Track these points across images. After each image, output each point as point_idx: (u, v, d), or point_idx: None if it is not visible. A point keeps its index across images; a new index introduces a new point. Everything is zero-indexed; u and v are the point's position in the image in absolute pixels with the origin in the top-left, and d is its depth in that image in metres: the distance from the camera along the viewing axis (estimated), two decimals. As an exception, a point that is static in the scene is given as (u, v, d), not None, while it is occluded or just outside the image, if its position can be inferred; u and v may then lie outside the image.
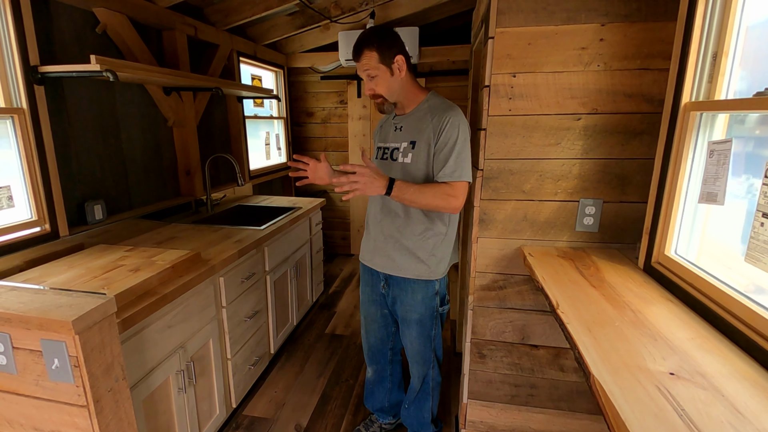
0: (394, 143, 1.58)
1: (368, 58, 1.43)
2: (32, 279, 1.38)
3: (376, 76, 1.46)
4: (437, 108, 1.49)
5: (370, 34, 1.44)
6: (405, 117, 1.57)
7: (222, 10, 2.77)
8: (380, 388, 1.95)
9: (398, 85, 1.49)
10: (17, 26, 1.59)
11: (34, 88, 1.67)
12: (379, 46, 1.42)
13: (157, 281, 1.48)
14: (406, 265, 1.60)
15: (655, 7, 1.33)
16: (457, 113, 1.46)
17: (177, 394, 1.59)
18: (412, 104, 1.55)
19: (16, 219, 1.69)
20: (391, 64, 1.45)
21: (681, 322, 0.99)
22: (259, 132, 3.82)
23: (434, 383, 1.78)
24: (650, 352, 0.87)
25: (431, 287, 1.62)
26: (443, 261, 1.62)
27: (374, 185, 1.35)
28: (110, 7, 1.97)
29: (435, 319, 1.67)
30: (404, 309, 1.67)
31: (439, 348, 1.75)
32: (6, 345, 1.12)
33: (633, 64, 1.40)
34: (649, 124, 1.43)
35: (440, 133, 1.44)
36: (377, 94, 1.50)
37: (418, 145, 1.50)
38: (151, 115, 2.42)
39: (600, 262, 1.42)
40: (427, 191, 1.42)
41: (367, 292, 1.80)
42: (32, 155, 1.69)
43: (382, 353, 1.88)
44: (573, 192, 1.56)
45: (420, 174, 1.51)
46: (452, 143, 1.43)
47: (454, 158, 1.43)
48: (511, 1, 1.43)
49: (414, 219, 1.56)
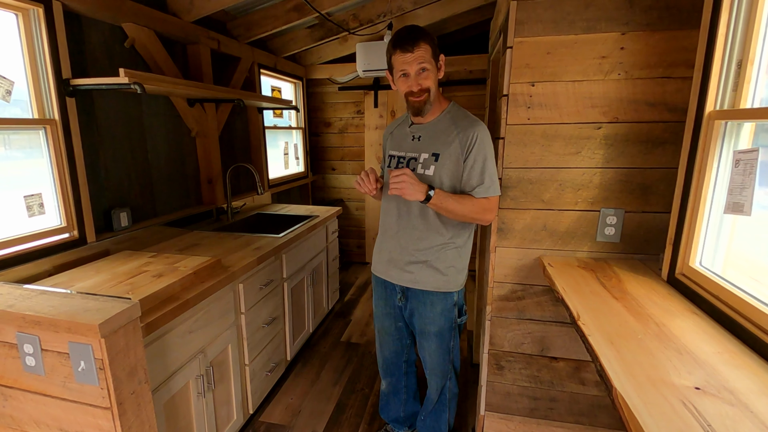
0: (412, 153, 1.54)
1: (424, 51, 1.38)
2: (61, 283, 1.42)
3: (428, 69, 1.41)
4: (462, 121, 1.47)
5: (420, 28, 1.41)
6: (424, 126, 1.53)
7: (244, 24, 2.84)
8: (395, 400, 1.93)
9: (436, 86, 1.47)
10: (51, 41, 1.67)
11: (66, 100, 1.74)
12: (432, 41, 1.41)
13: (179, 287, 1.52)
14: (425, 278, 1.57)
15: (677, 15, 1.32)
16: (483, 128, 1.46)
17: (196, 398, 1.61)
18: (434, 113, 1.52)
19: (47, 225, 1.75)
20: (437, 61, 1.44)
21: (707, 336, 0.97)
22: (278, 142, 3.89)
23: (451, 394, 1.76)
24: (675, 366, 0.84)
25: (450, 299, 1.60)
26: (462, 272, 1.61)
27: (414, 189, 1.36)
28: (138, 23, 2.05)
29: (453, 330, 1.65)
30: (423, 322, 1.64)
31: (456, 359, 1.72)
32: (35, 347, 1.16)
33: (655, 73, 1.38)
34: (672, 133, 1.41)
35: (470, 148, 1.43)
36: (425, 89, 1.42)
37: (443, 159, 1.46)
38: (176, 125, 2.49)
39: (622, 273, 1.39)
40: (467, 203, 1.43)
41: (381, 306, 1.78)
42: (63, 164, 1.76)
43: (397, 366, 1.87)
44: (594, 201, 1.54)
45: (444, 187, 1.47)
46: (483, 159, 1.44)
47: (489, 174, 1.45)
48: (531, 12, 1.44)
49: (433, 231, 1.54)
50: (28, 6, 1.60)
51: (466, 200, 1.44)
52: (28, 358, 1.17)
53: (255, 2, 2.71)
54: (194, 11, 2.31)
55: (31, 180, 1.73)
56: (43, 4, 1.62)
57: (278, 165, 3.86)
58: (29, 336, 1.15)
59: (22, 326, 1.15)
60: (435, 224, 1.54)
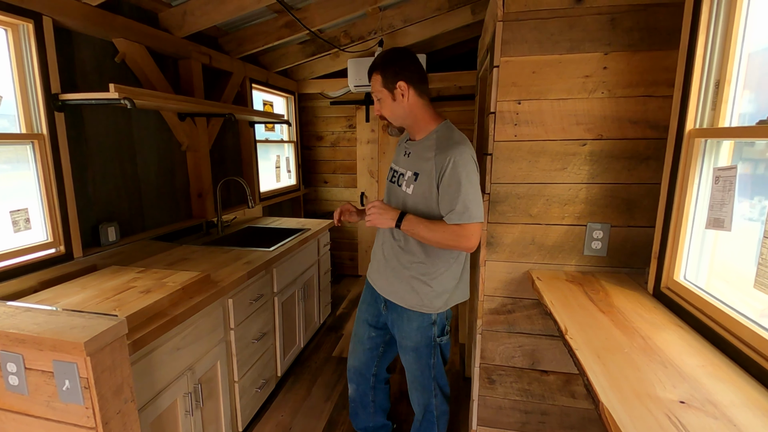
0: (402, 169, 1.56)
1: (374, 81, 1.48)
2: (46, 300, 1.40)
3: (380, 99, 1.49)
4: (443, 142, 1.43)
5: (379, 57, 1.47)
6: (414, 144, 1.54)
7: (236, 40, 2.87)
8: (363, 411, 1.93)
9: (402, 111, 1.47)
10: (40, 56, 1.67)
11: (55, 115, 1.74)
12: (383, 70, 1.44)
13: (167, 303, 1.50)
14: (401, 293, 1.56)
15: (657, 36, 1.37)
16: (461, 151, 1.37)
17: (184, 416, 1.58)
18: (423, 132, 1.51)
19: (32, 241, 1.73)
20: (393, 89, 1.44)
21: (691, 349, 0.98)
22: (270, 155, 3.89)
23: (439, 412, 1.70)
24: (660, 380, 0.86)
25: (427, 318, 1.55)
26: (441, 296, 1.53)
27: (384, 218, 1.43)
28: (129, 38, 2.06)
29: (432, 348, 1.59)
30: (400, 335, 1.63)
31: (441, 377, 1.66)
32: (19, 366, 1.14)
33: (637, 92, 1.42)
34: (654, 149, 1.44)
35: (443, 172, 1.37)
36: (382, 116, 1.53)
37: (420, 179, 1.45)
38: (166, 139, 2.49)
39: (609, 287, 1.41)
40: (438, 230, 1.38)
41: (363, 310, 1.78)
42: (50, 179, 1.74)
43: (365, 377, 1.84)
44: (580, 216, 1.57)
45: (419, 208, 1.46)
46: (456, 184, 1.35)
47: (462, 199, 1.35)
48: (516, 32, 1.48)
49: (412, 249, 1.52)
50: (17, 21, 1.61)
51: (438, 226, 1.38)
52: (11, 377, 1.15)
53: (247, 18, 2.74)
54: (186, 27, 2.33)
55: (18, 193, 1.71)
56: (33, 20, 1.63)
57: (270, 178, 3.86)
58: (12, 354, 1.13)
59: (5, 344, 1.13)
60: (414, 245, 1.52)
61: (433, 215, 1.44)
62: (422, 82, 1.46)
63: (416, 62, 1.46)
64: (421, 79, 1.46)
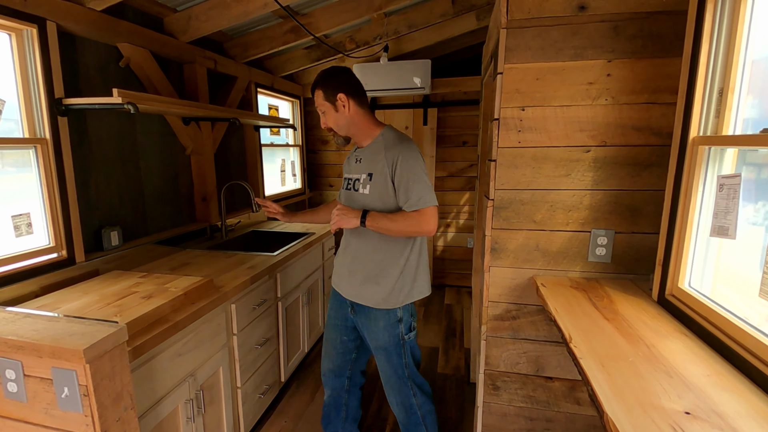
0: (356, 174, 1.67)
1: (316, 96, 1.60)
2: (47, 305, 1.40)
3: (324, 111, 1.60)
4: (390, 142, 1.57)
5: (319, 75, 1.60)
6: (363, 150, 1.66)
7: (241, 45, 2.89)
8: (336, 415, 1.94)
9: (345, 121, 1.60)
10: (44, 61, 1.68)
11: (58, 120, 1.74)
12: (323, 85, 1.57)
13: (169, 308, 1.50)
14: (367, 293, 1.64)
15: (660, 43, 1.36)
16: (407, 147, 1.54)
17: (186, 423, 1.57)
18: (368, 138, 1.64)
19: (34, 245, 1.74)
20: (334, 101, 1.56)
21: (696, 358, 0.97)
22: (275, 158, 3.90)
23: (423, 411, 1.75)
24: (665, 390, 0.84)
25: (393, 315, 1.63)
26: (403, 289, 1.62)
27: (348, 218, 1.52)
28: (134, 42, 2.07)
29: (401, 347, 1.67)
30: (369, 336, 1.70)
31: (416, 376, 1.74)
32: (18, 373, 1.13)
33: (640, 99, 1.41)
34: (658, 156, 1.44)
35: (395, 167, 1.51)
36: (328, 128, 1.64)
37: (375, 178, 1.57)
38: (170, 143, 2.50)
39: (613, 294, 1.40)
40: (399, 219, 1.50)
41: (332, 316, 1.83)
42: (53, 183, 1.75)
43: (339, 380, 1.88)
44: (584, 222, 1.56)
45: (378, 204, 1.57)
46: (408, 175, 1.50)
47: (415, 188, 1.49)
48: (519, 39, 1.47)
49: (374, 249, 1.62)
50: (21, 26, 1.62)
51: (399, 216, 1.50)
52: (9, 384, 1.15)
53: (252, 24, 2.75)
54: (190, 32, 2.34)
55: (20, 198, 1.72)
56: (37, 25, 1.64)
57: (275, 182, 3.87)
58: (11, 361, 1.13)
59: (4, 351, 1.13)
60: (374, 242, 1.61)
61: (391, 209, 1.56)
62: (361, 95, 1.61)
63: (353, 77, 1.61)
64: (359, 91, 1.60)
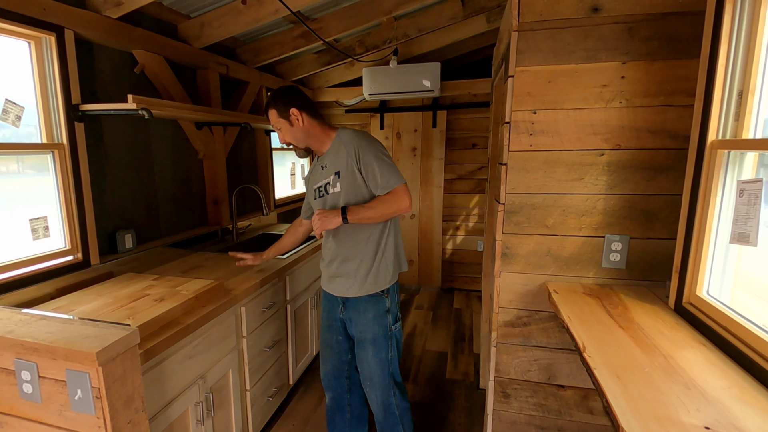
0: (325, 179, 1.71)
1: (271, 116, 1.67)
2: (62, 307, 1.42)
3: (280, 129, 1.67)
4: (348, 138, 1.64)
5: (270, 96, 1.67)
6: (325, 155, 1.72)
7: (252, 50, 2.91)
8: (340, 417, 1.95)
9: (302, 133, 1.66)
10: (62, 68, 1.72)
11: (75, 125, 1.78)
12: (275, 104, 1.64)
13: (180, 311, 1.51)
14: (353, 285, 1.69)
15: (676, 45, 1.33)
16: (363, 136, 1.64)
17: (195, 425, 1.58)
18: (326, 144, 1.70)
19: (51, 248, 1.77)
20: (288, 117, 1.63)
21: (716, 369, 0.94)
22: (286, 162, 3.93)
23: (401, 410, 1.78)
24: (683, 402, 0.82)
25: (382, 304, 1.69)
26: (386, 271, 1.70)
27: (330, 218, 1.57)
28: (148, 49, 2.10)
29: (389, 339, 1.72)
30: (358, 329, 1.73)
31: (396, 373, 1.78)
32: (33, 374, 1.15)
33: (656, 101, 1.39)
34: (675, 160, 1.40)
35: (358, 158, 1.59)
36: (287, 142, 1.70)
37: (342, 174, 1.64)
38: (183, 148, 2.52)
39: (628, 301, 1.37)
40: (376, 205, 1.58)
41: (325, 317, 1.87)
42: (69, 188, 1.78)
43: (339, 381, 1.90)
44: (598, 227, 1.53)
45: (351, 198, 1.64)
46: (373, 161, 1.57)
47: (381, 172, 1.57)
48: (531, 42, 1.46)
49: (353, 240, 1.69)
50: (40, 35, 1.65)
51: (375, 202, 1.59)
52: (25, 385, 1.16)
53: (263, 29, 2.78)
54: (203, 38, 2.37)
55: (38, 200, 1.75)
56: (55, 33, 1.67)
57: (285, 185, 3.89)
58: (27, 363, 1.14)
59: (20, 353, 1.14)
60: (351, 236, 1.68)
61: (366, 199, 1.64)
62: (311, 107, 1.68)
63: (301, 93, 1.69)
64: (309, 104, 1.68)
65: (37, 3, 1.58)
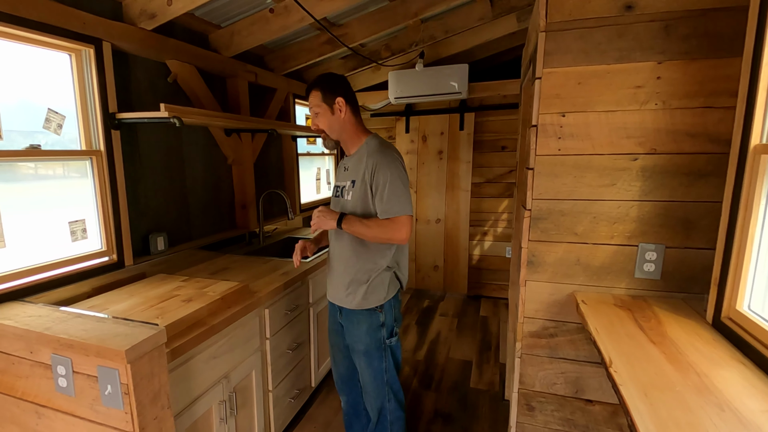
0: (343, 182, 1.72)
1: (313, 97, 1.62)
2: (96, 306, 1.49)
3: (318, 113, 1.62)
4: (373, 150, 1.61)
5: (318, 77, 1.63)
6: (350, 158, 1.71)
7: (280, 57, 2.97)
8: (357, 422, 1.94)
9: (339, 125, 1.63)
10: (100, 78, 1.80)
11: (111, 133, 1.86)
12: (323, 87, 1.60)
13: (206, 312, 1.55)
14: (347, 295, 1.68)
15: (717, 42, 1.26)
16: (387, 154, 1.58)
17: (219, 424, 1.61)
18: (355, 145, 1.68)
19: (88, 249, 1.85)
20: (332, 104, 1.59)
21: (754, 390, 0.87)
22: (312, 167, 3.97)
23: (393, 417, 1.77)
24: (715, 425, 0.76)
25: (375, 319, 1.66)
26: (379, 290, 1.66)
27: (326, 220, 1.59)
28: (181, 59, 2.18)
29: (383, 351, 1.70)
30: (351, 340, 1.72)
31: (394, 382, 1.76)
32: (68, 369, 1.20)
33: (695, 103, 1.31)
34: (715, 165, 1.32)
35: (373, 174, 1.56)
36: (320, 129, 1.65)
37: (357, 184, 1.63)
38: (213, 154, 2.60)
39: (662, 314, 1.30)
40: (373, 225, 1.55)
41: (331, 322, 1.86)
42: (106, 192, 1.86)
43: (352, 384, 1.88)
44: (631, 236, 1.46)
45: (358, 210, 1.62)
46: (384, 183, 1.54)
47: (389, 197, 1.53)
48: (560, 42, 1.41)
49: (356, 251, 1.65)
50: (80, 47, 1.74)
51: (372, 222, 1.55)
52: (60, 379, 1.22)
53: (290, 37, 2.82)
54: (233, 47, 2.43)
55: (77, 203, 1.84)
56: (93, 45, 1.76)
57: (310, 190, 3.94)
58: (62, 358, 1.20)
59: (56, 348, 1.20)
60: (355, 246, 1.65)
61: (372, 215, 1.61)
62: (355, 104, 1.66)
63: (350, 86, 1.66)
64: (354, 100, 1.66)
65: (78, 17, 1.67)
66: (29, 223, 1.66)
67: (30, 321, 1.30)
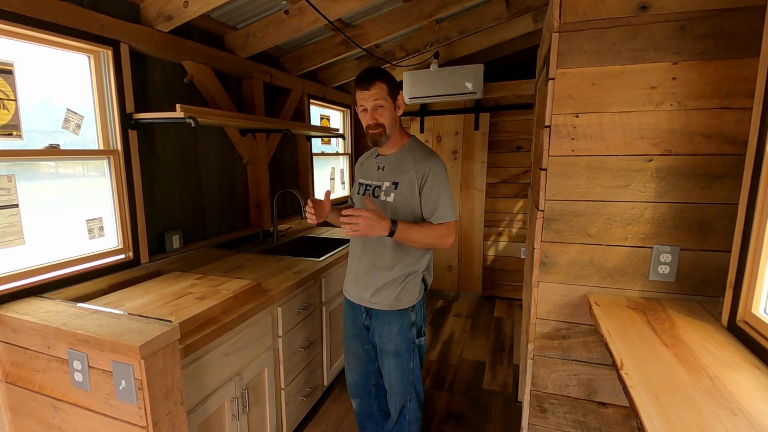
0: (377, 182, 1.66)
1: (379, 89, 1.52)
2: (112, 302, 1.52)
3: (383, 106, 1.54)
4: (419, 154, 1.60)
5: (377, 69, 1.56)
6: (387, 158, 1.66)
7: (295, 58, 3.00)
8: (370, 423, 1.93)
9: (394, 122, 1.59)
10: (117, 79, 1.85)
11: (128, 133, 1.90)
12: (389, 80, 1.55)
13: (219, 310, 1.57)
14: (380, 297, 1.65)
15: (734, 43, 1.23)
16: (437, 161, 1.58)
17: (231, 420, 1.64)
18: (396, 145, 1.64)
19: (105, 247, 1.90)
20: (395, 99, 1.57)
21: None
22: (326, 166, 4.00)
23: (412, 417, 1.77)
24: (727, 429, 0.75)
25: (407, 318, 1.66)
26: (413, 290, 1.66)
27: (376, 227, 1.42)
28: (197, 60, 2.22)
29: (412, 351, 1.70)
30: (381, 340, 1.70)
31: (418, 382, 1.76)
32: (83, 364, 1.24)
33: (711, 103, 1.29)
34: (732, 166, 1.30)
35: (425, 179, 1.54)
36: (380, 124, 1.55)
37: (401, 186, 1.59)
38: (228, 154, 2.64)
39: (676, 317, 1.28)
40: (427, 232, 1.52)
41: (349, 326, 1.82)
42: (123, 191, 1.91)
43: (366, 389, 1.87)
44: (645, 237, 1.44)
45: (404, 212, 1.59)
46: (437, 188, 1.54)
47: (443, 202, 1.54)
48: (573, 43, 1.40)
49: (390, 255, 1.63)
50: (98, 49, 1.79)
51: (426, 228, 1.52)
52: (76, 374, 1.26)
53: (305, 38, 2.85)
54: (248, 48, 2.47)
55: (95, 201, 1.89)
56: (111, 47, 1.80)
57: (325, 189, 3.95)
58: (79, 353, 1.24)
59: (72, 343, 1.24)
60: (392, 249, 1.62)
61: (416, 218, 1.59)
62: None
63: None
64: None
65: (96, 19, 1.72)
66: (48, 220, 1.71)
67: (48, 316, 1.34)
